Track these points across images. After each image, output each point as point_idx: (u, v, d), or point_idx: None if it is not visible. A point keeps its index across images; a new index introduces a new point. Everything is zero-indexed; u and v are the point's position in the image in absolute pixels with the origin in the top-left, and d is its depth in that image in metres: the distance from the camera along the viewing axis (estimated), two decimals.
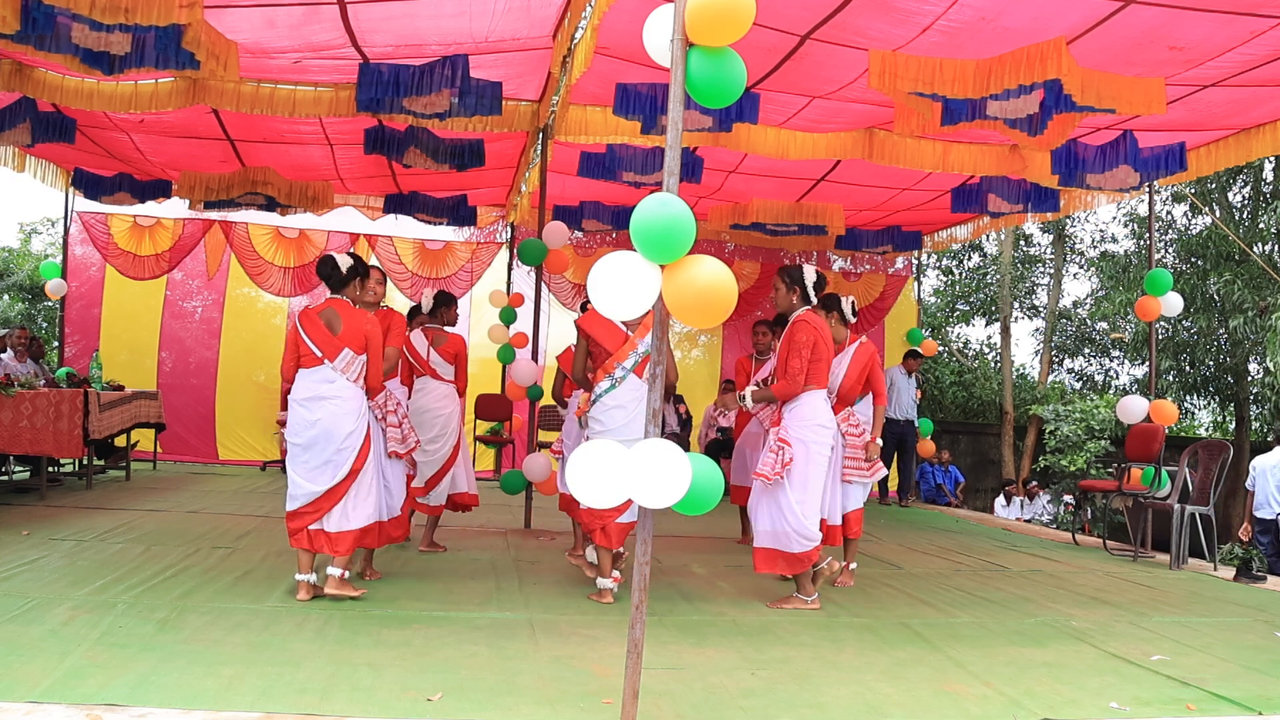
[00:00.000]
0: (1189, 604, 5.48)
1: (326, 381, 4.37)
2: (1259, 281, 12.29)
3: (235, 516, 6.83)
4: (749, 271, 11.31)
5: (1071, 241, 17.22)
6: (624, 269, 2.74)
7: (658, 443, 2.72)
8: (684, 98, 2.85)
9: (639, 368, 4.77)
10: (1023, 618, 4.82)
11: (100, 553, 5.23)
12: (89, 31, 4.93)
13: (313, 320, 4.44)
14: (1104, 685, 3.65)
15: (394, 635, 3.84)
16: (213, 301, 10.93)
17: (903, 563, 6.41)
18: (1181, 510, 6.78)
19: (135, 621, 3.80)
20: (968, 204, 8.45)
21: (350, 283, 4.56)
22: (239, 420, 10.80)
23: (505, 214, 10.83)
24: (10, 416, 6.93)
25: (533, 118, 7.02)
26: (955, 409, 16.27)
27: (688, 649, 3.89)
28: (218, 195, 8.77)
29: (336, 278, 4.52)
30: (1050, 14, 5.02)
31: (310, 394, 4.37)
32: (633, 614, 2.81)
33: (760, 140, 7.04)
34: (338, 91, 6.60)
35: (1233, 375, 14.20)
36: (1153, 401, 7.53)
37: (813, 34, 5.46)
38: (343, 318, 4.45)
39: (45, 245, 17.48)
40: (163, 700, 2.90)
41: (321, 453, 4.35)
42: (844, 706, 3.25)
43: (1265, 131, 6.70)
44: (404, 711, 2.96)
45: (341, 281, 4.53)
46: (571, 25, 5.45)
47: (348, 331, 4.42)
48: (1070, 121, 5.64)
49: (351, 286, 4.57)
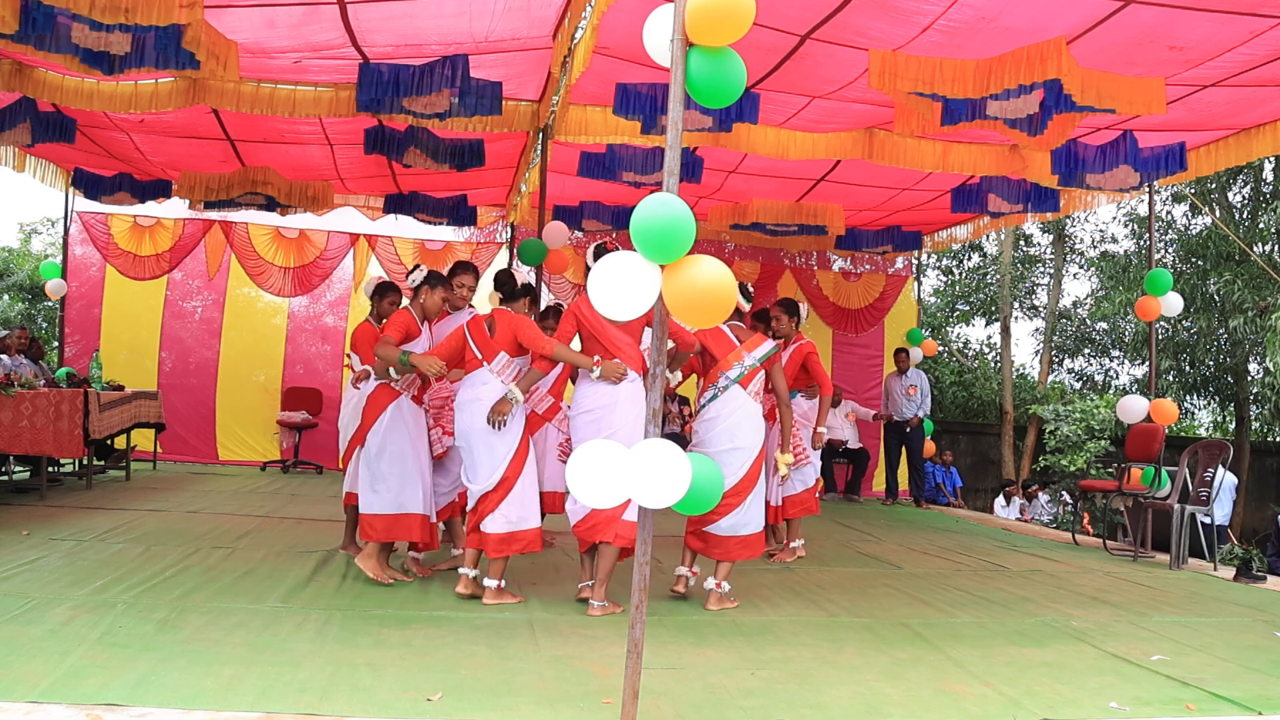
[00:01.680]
0: (1189, 604, 5.48)
1: (482, 383, 4.58)
2: (1259, 281, 12.29)
3: (235, 516, 6.83)
4: (749, 271, 11.30)
5: (1071, 241, 17.24)
6: (624, 269, 2.74)
7: (658, 443, 2.72)
8: (684, 98, 2.84)
9: (745, 379, 4.76)
10: (1023, 618, 4.82)
11: (100, 553, 5.23)
12: (89, 31, 4.93)
13: (478, 326, 4.68)
14: (1104, 685, 3.65)
15: (394, 635, 3.84)
16: (213, 301, 10.93)
17: (903, 563, 6.41)
18: (1181, 510, 6.78)
19: (135, 621, 3.80)
20: (968, 204, 8.45)
21: (522, 299, 4.83)
22: (239, 420, 10.80)
23: (505, 214, 10.83)
24: (10, 416, 6.93)
25: (533, 118, 7.02)
26: (955, 409, 16.28)
27: (688, 649, 3.89)
28: (218, 195, 8.76)
29: (509, 289, 4.80)
30: (1050, 14, 5.02)
31: (470, 396, 4.58)
32: (633, 614, 2.81)
33: (760, 140, 7.04)
34: (338, 91, 6.59)
35: (1233, 375, 14.21)
36: (1153, 401, 7.53)
37: (813, 34, 5.46)
38: (499, 323, 4.64)
39: (45, 245, 17.50)
40: (163, 700, 2.90)
41: (474, 454, 4.54)
42: (844, 706, 3.25)
43: (1265, 131, 6.70)
44: (404, 711, 2.96)
45: (512, 295, 4.79)
46: (571, 25, 5.44)
47: (501, 336, 4.62)
48: (1070, 121, 5.64)
49: (521, 303, 4.82)
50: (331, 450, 10.82)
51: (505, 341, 4.59)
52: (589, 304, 4.56)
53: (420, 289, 4.94)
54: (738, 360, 4.75)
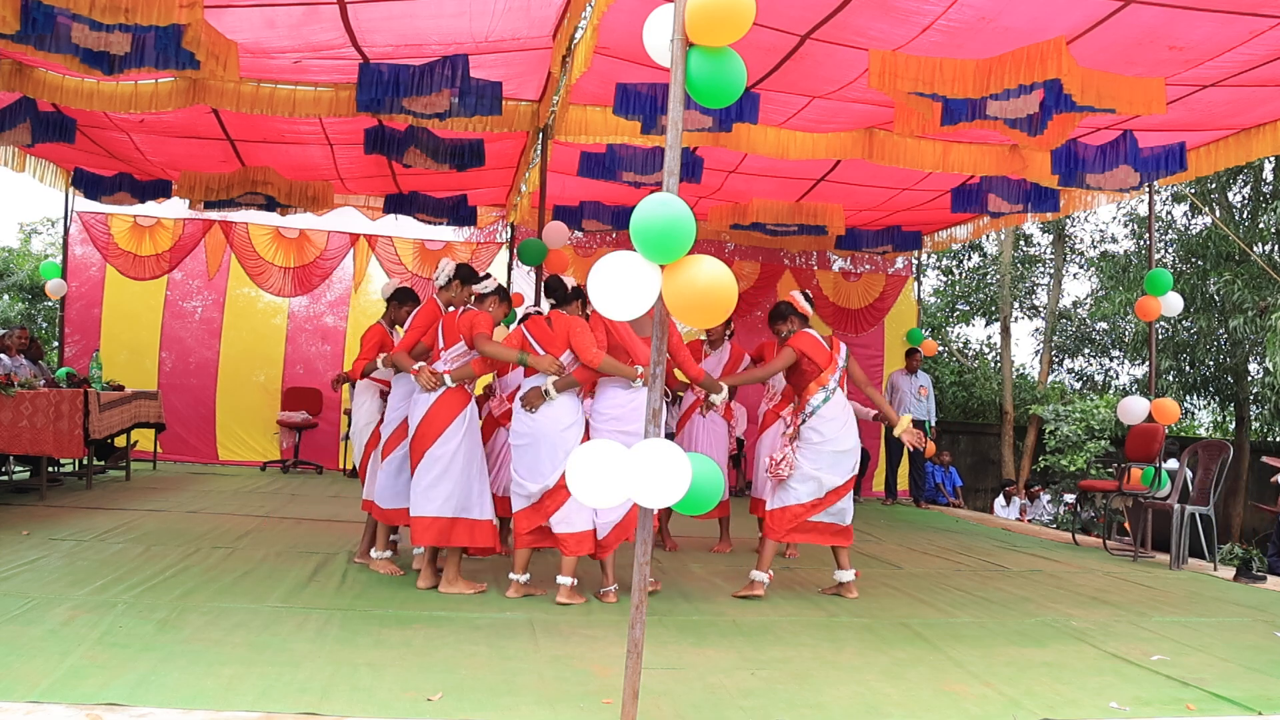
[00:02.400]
0: (1189, 604, 5.49)
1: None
2: (1259, 281, 12.29)
3: (235, 516, 6.83)
4: (749, 271, 11.30)
5: (1071, 241, 17.23)
6: (624, 269, 2.74)
7: (658, 443, 2.72)
8: (684, 98, 2.84)
9: (842, 380, 5.10)
10: (1023, 618, 4.82)
11: (100, 553, 5.23)
12: (89, 31, 4.93)
13: (539, 326, 4.74)
14: (1104, 685, 3.65)
15: (394, 635, 3.84)
16: (213, 301, 10.93)
17: (903, 563, 6.41)
18: (1181, 510, 6.78)
19: (135, 621, 3.80)
20: (968, 204, 8.45)
21: (574, 301, 4.83)
22: (239, 420, 10.80)
23: (505, 214, 10.83)
24: (10, 416, 6.93)
25: (533, 118, 7.02)
26: (955, 409, 16.27)
27: (688, 649, 3.89)
28: (218, 195, 8.76)
29: (561, 293, 4.83)
30: (1050, 14, 5.02)
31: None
32: (633, 614, 2.81)
33: (760, 140, 7.04)
34: (338, 91, 6.59)
35: (1233, 375, 14.20)
36: (1155, 400, 7.53)
37: (813, 34, 5.46)
38: (555, 323, 4.69)
39: (45, 245, 17.49)
40: (163, 700, 2.90)
41: (538, 452, 4.59)
42: (844, 706, 3.25)
43: (1265, 131, 6.70)
44: (404, 711, 2.96)
45: (564, 299, 4.82)
46: (571, 25, 5.44)
47: (558, 334, 4.69)
48: (1070, 121, 5.64)
49: (574, 305, 4.82)
50: (331, 450, 10.84)
51: (561, 343, 4.68)
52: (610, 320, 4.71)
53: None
54: (833, 366, 5.08)
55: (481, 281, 4.95)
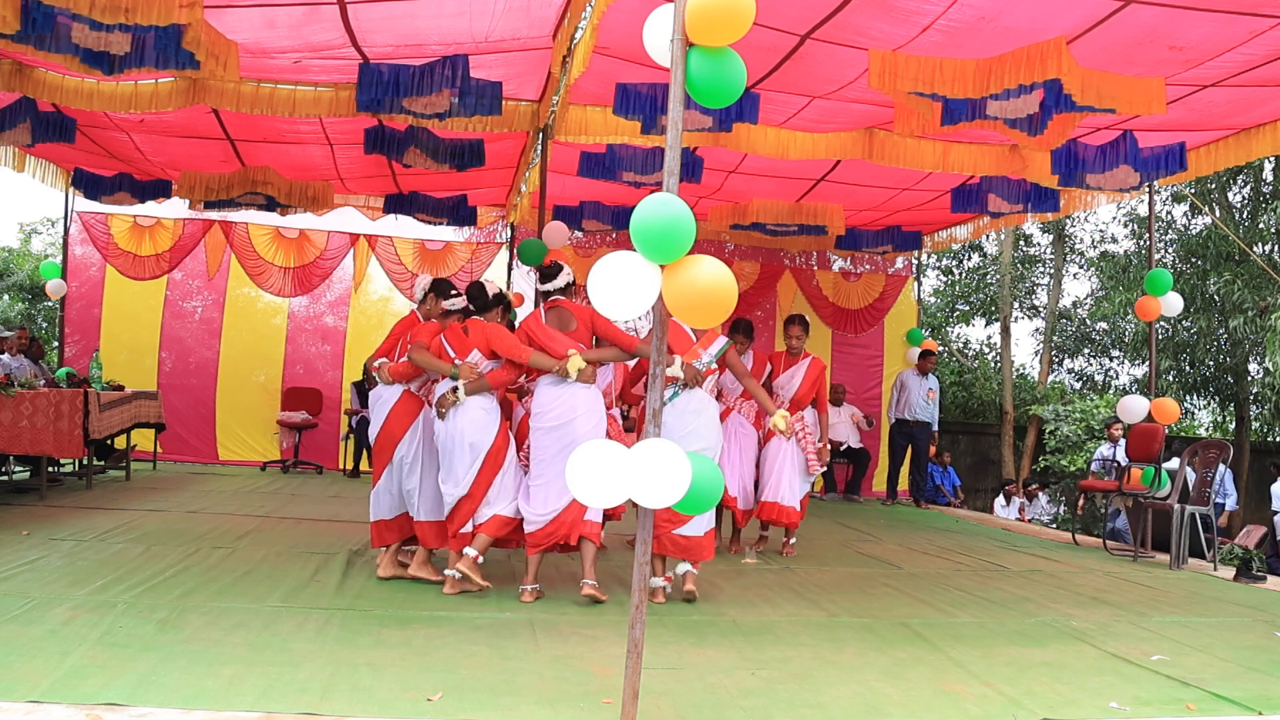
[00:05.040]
0: (1189, 604, 5.49)
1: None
2: (1259, 281, 12.30)
3: (235, 516, 6.83)
4: (749, 271, 11.30)
5: (1071, 241, 17.24)
6: (624, 269, 2.74)
7: (658, 443, 2.72)
8: (684, 98, 2.84)
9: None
10: (1023, 618, 4.82)
11: (100, 553, 5.23)
12: (89, 31, 4.93)
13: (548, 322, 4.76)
14: (1104, 685, 3.65)
15: (394, 635, 3.84)
16: (213, 301, 10.93)
17: (903, 563, 6.41)
18: (1181, 510, 6.78)
19: (135, 621, 3.80)
20: (968, 204, 8.45)
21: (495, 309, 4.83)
22: (239, 420, 10.79)
23: (505, 214, 10.83)
24: (10, 416, 6.93)
25: (533, 118, 7.02)
26: (955, 409, 16.27)
27: (688, 649, 3.89)
28: (218, 195, 8.76)
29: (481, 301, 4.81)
30: (1050, 14, 5.02)
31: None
32: (633, 614, 2.81)
33: (760, 140, 7.04)
34: (338, 91, 6.59)
35: (1233, 375, 14.21)
36: (1155, 400, 7.53)
37: (813, 34, 5.46)
38: (472, 331, 4.72)
39: (45, 245, 17.50)
40: (163, 700, 2.90)
41: (452, 457, 4.61)
42: (844, 706, 3.25)
43: (1265, 131, 6.70)
44: (404, 711, 2.96)
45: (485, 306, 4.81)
46: (571, 25, 5.45)
47: (475, 342, 4.70)
48: (1070, 121, 5.64)
49: (494, 313, 4.82)
50: (331, 450, 10.84)
51: (482, 347, 4.71)
52: (538, 320, 4.76)
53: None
54: (695, 358, 4.90)
55: (451, 299, 4.95)
